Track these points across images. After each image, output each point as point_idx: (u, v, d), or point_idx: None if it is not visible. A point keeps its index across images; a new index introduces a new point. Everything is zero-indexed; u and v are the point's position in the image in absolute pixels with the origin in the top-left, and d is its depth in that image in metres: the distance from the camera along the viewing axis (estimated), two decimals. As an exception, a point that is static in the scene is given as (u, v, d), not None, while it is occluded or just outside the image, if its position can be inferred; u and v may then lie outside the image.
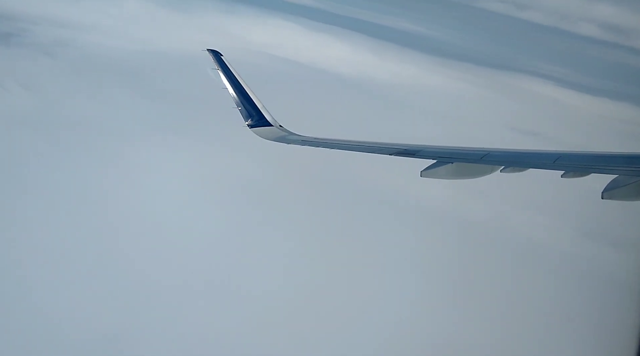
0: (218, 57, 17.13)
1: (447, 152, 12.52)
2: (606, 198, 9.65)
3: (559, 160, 11.06)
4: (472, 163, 11.98)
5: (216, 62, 17.08)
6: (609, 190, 9.71)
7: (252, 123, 16.51)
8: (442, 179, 12.14)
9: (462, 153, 12.34)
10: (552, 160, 11.13)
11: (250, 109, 16.59)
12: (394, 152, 13.00)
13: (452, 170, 11.95)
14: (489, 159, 11.82)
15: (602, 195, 9.70)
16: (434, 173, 11.97)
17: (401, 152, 12.89)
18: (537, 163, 11.48)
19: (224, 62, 17.06)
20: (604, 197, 9.68)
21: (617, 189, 9.68)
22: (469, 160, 12.04)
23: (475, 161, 11.93)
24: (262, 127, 16.46)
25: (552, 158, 11.20)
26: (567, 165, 10.91)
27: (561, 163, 10.97)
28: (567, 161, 11.04)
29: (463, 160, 12.05)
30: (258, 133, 16.35)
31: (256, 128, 16.46)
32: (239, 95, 16.72)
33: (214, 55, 17.15)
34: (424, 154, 12.53)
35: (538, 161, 11.64)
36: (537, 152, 12.18)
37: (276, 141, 15.84)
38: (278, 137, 15.99)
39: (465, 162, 12.04)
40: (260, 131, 16.40)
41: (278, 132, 16.33)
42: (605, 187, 9.78)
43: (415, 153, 12.68)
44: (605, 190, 9.72)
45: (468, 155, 12.19)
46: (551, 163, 11.05)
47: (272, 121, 16.58)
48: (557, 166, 10.91)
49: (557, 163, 10.97)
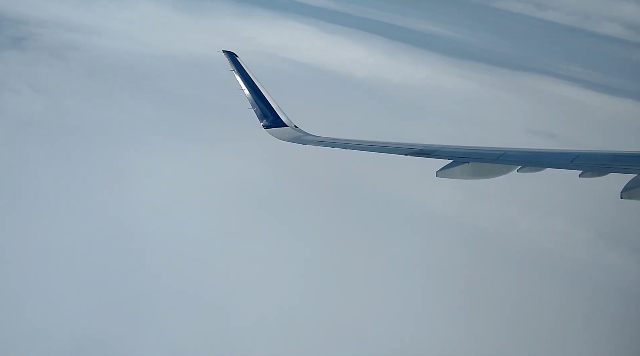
0: (233, 58, 17.24)
1: (463, 152, 12.42)
2: (625, 198, 9.51)
3: (576, 159, 10.94)
4: (489, 163, 11.89)
5: (231, 63, 17.18)
6: (628, 190, 9.57)
7: (267, 124, 16.55)
8: (457, 179, 12.06)
9: (478, 153, 12.24)
10: (570, 159, 11.01)
11: (265, 110, 16.64)
12: (409, 152, 12.94)
13: (468, 170, 11.87)
14: (505, 159, 11.72)
15: (621, 194, 9.57)
16: (449, 173, 11.89)
17: (416, 152, 12.82)
18: (554, 163, 11.35)
19: (239, 63, 17.16)
20: (623, 196, 9.54)
21: (636, 189, 9.55)
22: (485, 160, 11.95)
23: (492, 161, 11.83)
24: (277, 128, 16.49)
25: (570, 158, 11.08)
26: (584, 164, 10.79)
27: (579, 162, 10.85)
28: (585, 161, 10.91)
29: (479, 160, 11.95)
30: (273, 134, 16.38)
31: (271, 129, 16.49)
32: (254, 96, 16.78)
33: (230, 57, 17.27)
34: (440, 154, 12.45)
35: (555, 161, 11.50)
36: (554, 152, 12.05)
37: (291, 142, 15.85)
38: (293, 138, 16.00)
39: (482, 161, 11.94)
40: (275, 132, 16.43)
41: (293, 132, 16.34)
42: (625, 186, 9.65)
43: (431, 153, 12.61)
44: (624, 190, 9.59)
45: (484, 155, 12.09)
46: (568, 163, 10.93)
47: (287, 122, 16.60)
48: (575, 166, 10.79)
49: (575, 163, 10.84)
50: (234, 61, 17.20)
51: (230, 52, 17.32)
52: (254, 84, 16.86)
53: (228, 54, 17.30)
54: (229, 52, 17.30)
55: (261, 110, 16.66)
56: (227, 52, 17.30)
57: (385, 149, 13.51)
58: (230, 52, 17.31)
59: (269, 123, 16.54)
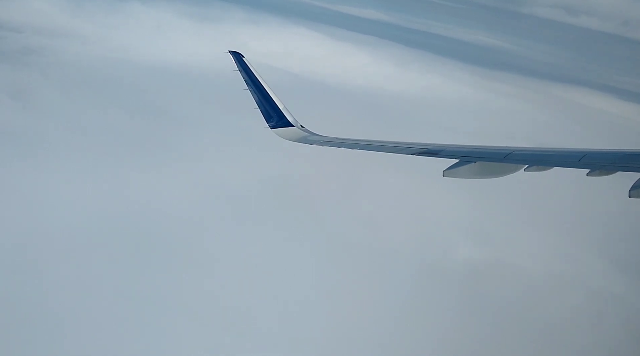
0: (239, 58, 17.20)
1: (470, 151, 12.36)
2: (633, 197, 9.45)
3: (584, 158, 10.87)
4: (496, 162, 11.83)
5: (237, 64, 17.15)
6: (636, 188, 9.51)
7: (273, 124, 16.53)
8: (464, 178, 12.00)
9: (485, 153, 12.18)
10: (578, 158, 10.94)
11: (271, 110, 16.61)
12: (416, 151, 12.90)
13: (474, 169, 11.81)
14: (512, 158, 11.65)
15: (630, 193, 9.50)
16: (456, 173, 11.83)
17: (423, 152, 12.78)
18: (562, 162, 11.28)
19: (245, 63, 17.12)
20: (632, 195, 9.48)
21: None
22: (492, 159, 11.89)
23: (499, 160, 11.77)
24: (284, 128, 16.47)
25: (578, 156, 11.01)
26: (592, 163, 10.72)
27: (587, 161, 10.78)
28: (593, 159, 10.84)
29: (486, 159, 11.89)
30: (279, 134, 16.36)
31: (278, 129, 16.47)
32: (260, 96, 16.75)
33: (236, 57, 17.23)
34: (446, 154, 12.40)
35: (563, 160, 11.43)
36: (562, 151, 11.95)
37: (297, 142, 15.84)
38: (299, 138, 15.99)
39: (489, 161, 11.88)
40: (281, 132, 16.41)
41: (299, 132, 16.31)
42: (633, 185, 9.58)
43: (438, 152, 12.55)
44: (632, 188, 9.52)
45: (491, 154, 12.03)
46: (576, 162, 10.86)
47: (294, 122, 16.57)
48: (583, 165, 10.72)
49: (583, 162, 10.77)
50: (240, 61, 17.16)
51: (236, 52, 17.28)
52: (259, 84, 16.81)
53: (234, 54, 17.26)
54: (235, 52, 17.25)
55: (267, 110, 16.63)
56: (233, 52, 17.26)
57: (391, 149, 13.46)
58: (236, 52, 17.27)
59: (275, 123, 16.51)
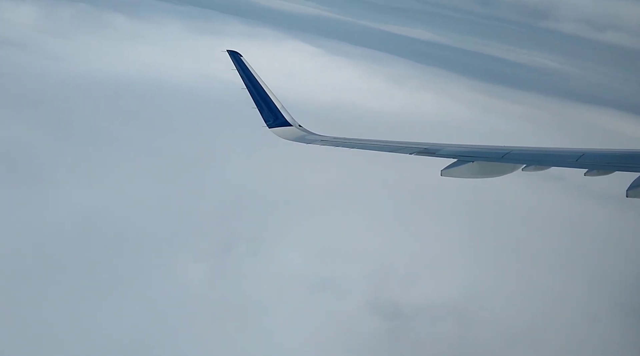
0: (237, 57, 17.09)
1: (468, 151, 12.34)
2: (631, 197, 9.43)
3: (581, 158, 10.85)
4: (493, 162, 11.82)
5: (235, 63, 17.05)
6: (633, 188, 9.49)
7: (271, 123, 16.49)
8: (462, 178, 11.99)
9: (483, 152, 12.17)
10: (575, 158, 10.92)
11: (269, 109, 16.55)
12: (414, 151, 12.88)
13: (472, 168, 11.79)
14: (510, 158, 11.64)
15: (627, 193, 9.48)
16: (454, 172, 11.82)
17: (421, 151, 12.75)
18: (560, 162, 11.27)
19: (243, 62, 17.01)
20: (629, 195, 9.46)
21: None
22: (490, 158, 11.87)
23: (497, 160, 11.76)
24: (282, 127, 16.42)
25: (575, 156, 10.99)
26: (590, 163, 10.70)
27: (584, 161, 10.76)
28: (590, 159, 10.82)
29: (484, 159, 11.88)
30: (277, 133, 16.31)
31: (275, 129, 16.43)
32: (258, 96, 16.68)
33: (233, 56, 17.12)
34: (444, 153, 12.38)
35: (561, 159, 11.42)
36: (559, 150, 11.92)
37: (295, 141, 15.80)
38: (297, 137, 15.94)
39: (486, 160, 11.87)
40: (279, 131, 16.36)
41: (297, 131, 16.27)
42: (630, 184, 9.57)
43: (436, 152, 12.54)
44: (629, 188, 9.51)
45: (489, 154, 12.01)
46: (574, 162, 10.85)
47: (292, 121, 16.52)
48: (580, 164, 10.70)
49: (580, 162, 10.75)
50: (238, 61, 17.06)
51: (234, 51, 17.15)
52: (257, 84, 16.72)
53: (232, 53, 17.14)
54: (233, 52, 17.13)
55: (265, 109, 16.57)
56: (231, 52, 17.14)
57: (389, 148, 13.44)
58: (234, 51, 17.15)
59: (273, 123, 16.46)
